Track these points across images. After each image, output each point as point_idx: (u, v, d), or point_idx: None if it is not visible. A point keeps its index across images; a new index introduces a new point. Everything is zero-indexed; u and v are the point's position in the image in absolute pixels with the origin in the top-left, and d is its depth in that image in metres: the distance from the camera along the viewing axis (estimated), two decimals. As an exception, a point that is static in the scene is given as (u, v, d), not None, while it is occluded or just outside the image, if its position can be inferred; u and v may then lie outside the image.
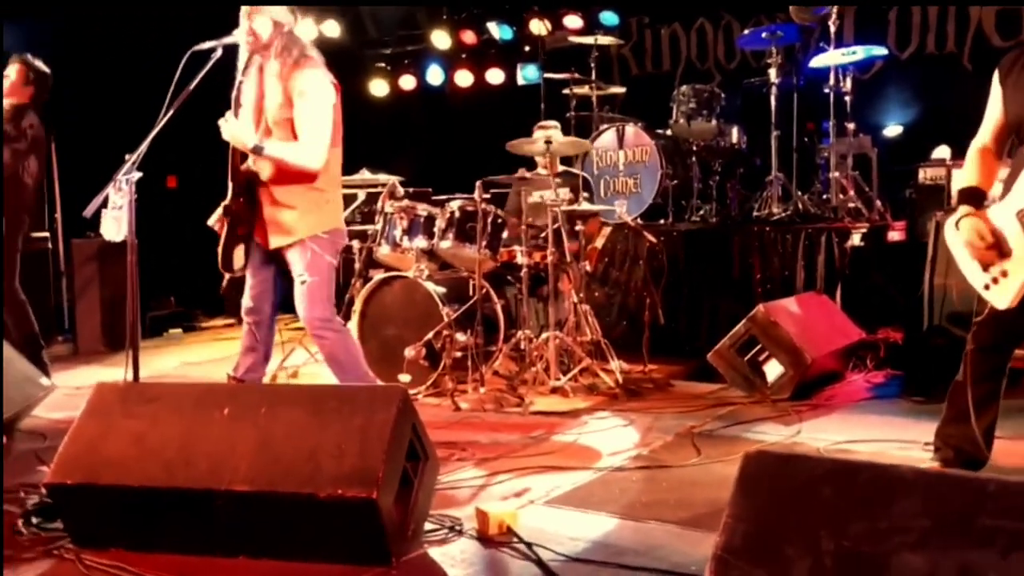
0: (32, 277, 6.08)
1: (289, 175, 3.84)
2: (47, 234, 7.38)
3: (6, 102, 5.09)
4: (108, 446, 2.79)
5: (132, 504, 2.72)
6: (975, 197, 3.05)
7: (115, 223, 3.40)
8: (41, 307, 6.06)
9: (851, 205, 6.38)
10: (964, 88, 7.59)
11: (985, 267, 2.99)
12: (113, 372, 5.59)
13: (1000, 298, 2.96)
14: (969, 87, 7.54)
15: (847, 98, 6.53)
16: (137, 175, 3.43)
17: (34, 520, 2.99)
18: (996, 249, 2.94)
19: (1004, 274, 2.94)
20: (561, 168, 5.75)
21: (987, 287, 2.99)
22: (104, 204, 3.40)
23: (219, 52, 3.73)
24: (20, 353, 4.62)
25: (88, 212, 3.39)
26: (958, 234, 3.03)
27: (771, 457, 1.88)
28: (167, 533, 2.74)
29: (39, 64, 5.24)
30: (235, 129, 3.78)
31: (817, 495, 1.77)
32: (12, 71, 5.12)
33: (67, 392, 4.97)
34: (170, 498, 2.69)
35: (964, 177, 3.13)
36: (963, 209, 3.02)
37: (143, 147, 3.44)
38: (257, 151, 3.75)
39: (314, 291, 3.90)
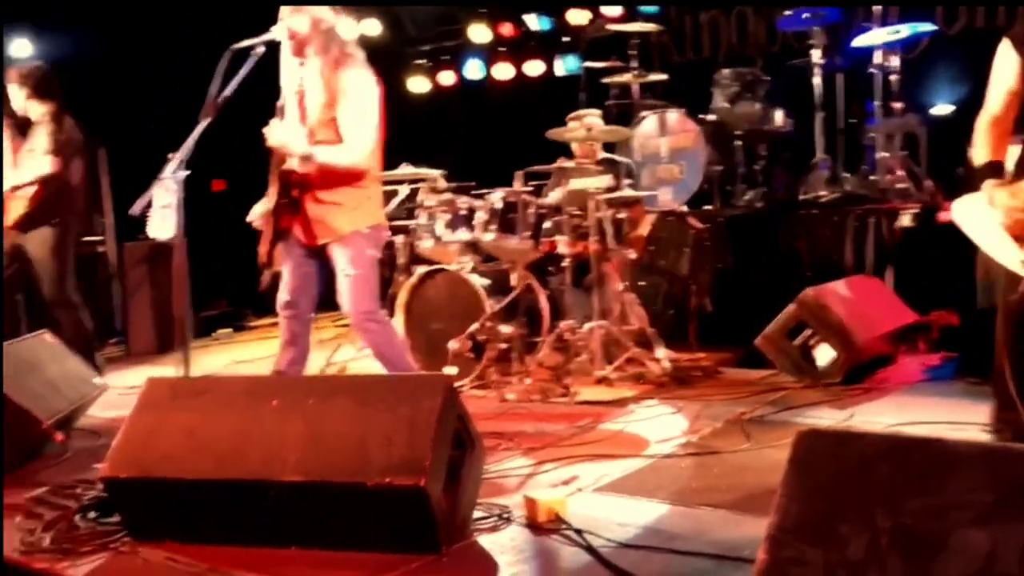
0: (85, 280, 6.21)
1: (334, 174, 3.87)
2: (99, 237, 7.54)
3: (44, 111, 5.19)
4: (160, 440, 2.83)
5: (185, 496, 2.76)
6: (997, 171, 2.97)
7: (162, 222, 3.47)
8: (94, 309, 6.19)
9: (900, 186, 6.25)
10: (1016, 63, 7.42)
11: (1021, 242, 2.85)
12: (164, 372, 5.64)
13: None
14: (1021, 62, 7.41)
15: (893, 77, 6.40)
16: (184, 173, 3.47)
17: (91, 515, 3.04)
18: None
19: None
20: (602, 156, 5.71)
21: None
22: (150, 203, 3.45)
23: (260, 49, 3.76)
24: (75, 354, 4.72)
25: (135, 210, 3.44)
26: (986, 212, 2.90)
27: (824, 436, 1.84)
28: (220, 524, 2.77)
29: (32, 66, 5.33)
30: (284, 136, 3.80)
31: (872, 473, 1.73)
32: (14, 88, 5.23)
33: (120, 392, 5.05)
34: (222, 490, 2.72)
35: (980, 153, 3.04)
36: (991, 183, 2.92)
37: (188, 145, 3.48)
38: (308, 158, 3.77)
39: (359, 285, 3.93)
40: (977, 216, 2.96)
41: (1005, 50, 3.03)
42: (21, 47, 7.10)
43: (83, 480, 3.40)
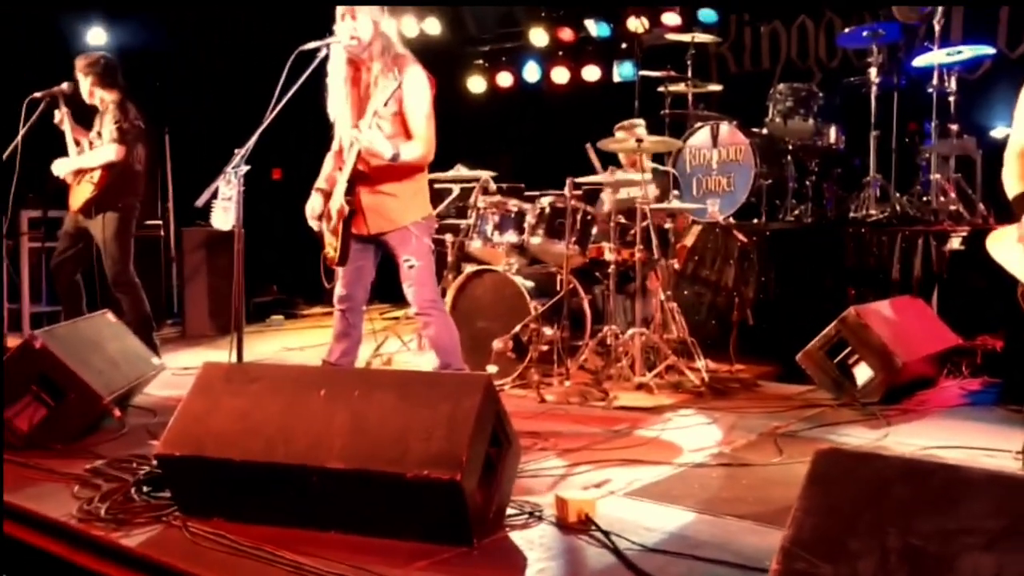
0: (145, 263, 6.45)
1: (390, 167, 3.99)
2: (159, 222, 7.79)
3: (109, 99, 5.40)
4: (213, 422, 2.98)
5: (234, 476, 2.90)
6: None
7: (224, 213, 3.61)
8: (152, 292, 6.43)
9: (952, 208, 6.23)
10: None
11: None
12: (218, 355, 5.87)
13: None
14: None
15: (951, 98, 6.36)
16: (245, 168, 3.63)
17: (145, 489, 3.21)
18: None
19: None
20: (651, 166, 5.78)
21: None
22: (214, 195, 3.62)
23: (324, 52, 3.91)
24: (134, 334, 4.93)
25: (200, 202, 3.61)
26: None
27: (843, 455, 1.92)
28: (265, 505, 2.91)
29: (96, 56, 5.52)
30: (374, 140, 3.88)
31: (887, 493, 1.80)
32: (80, 78, 5.44)
33: (175, 372, 5.27)
34: (269, 472, 2.86)
35: (1011, 184, 3.14)
36: None
37: (251, 142, 3.63)
38: (395, 159, 3.91)
39: (423, 274, 4.08)
40: (1011, 248, 3.05)
41: None
42: (96, 36, 7.37)
43: (138, 455, 3.58)
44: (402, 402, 2.85)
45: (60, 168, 5.50)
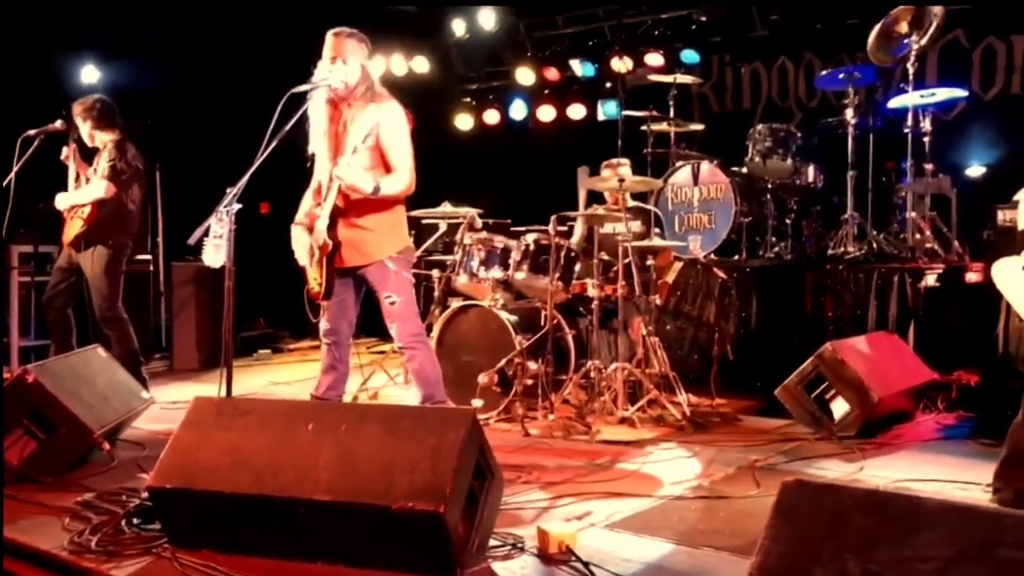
0: (134, 297, 6.52)
1: (372, 201, 4.09)
2: (149, 257, 7.87)
3: (108, 139, 5.52)
4: (204, 455, 3.05)
5: (223, 509, 2.97)
6: None
7: (215, 251, 3.70)
8: (141, 326, 6.48)
9: (928, 245, 6.38)
10: (1051, 127, 7.53)
11: None
12: (206, 388, 5.95)
13: None
14: (1057, 129, 7.51)
15: (926, 139, 6.53)
16: (237, 206, 3.72)
17: (135, 521, 3.27)
18: None
19: None
20: (633, 204, 5.92)
21: None
22: (206, 233, 3.71)
23: (315, 92, 4.03)
24: (122, 368, 4.99)
25: (192, 240, 3.70)
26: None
27: (807, 487, 2.01)
28: (254, 537, 2.97)
29: (92, 100, 5.64)
30: (354, 176, 3.97)
31: (848, 523, 1.90)
32: (79, 121, 5.56)
33: (163, 406, 5.33)
34: (258, 504, 2.93)
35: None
36: None
37: (243, 181, 3.73)
38: (375, 192, 4.01)
39: (404, 309, 4.16)
40: (1017, 279, 3.14)
41: None
42: (89, 74, 7.49)
43: (128, 488, 3.65)
44: (388, 436, 2.93)
45: (61, 202, 5.60)
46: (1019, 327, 4.86)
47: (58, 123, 5.61)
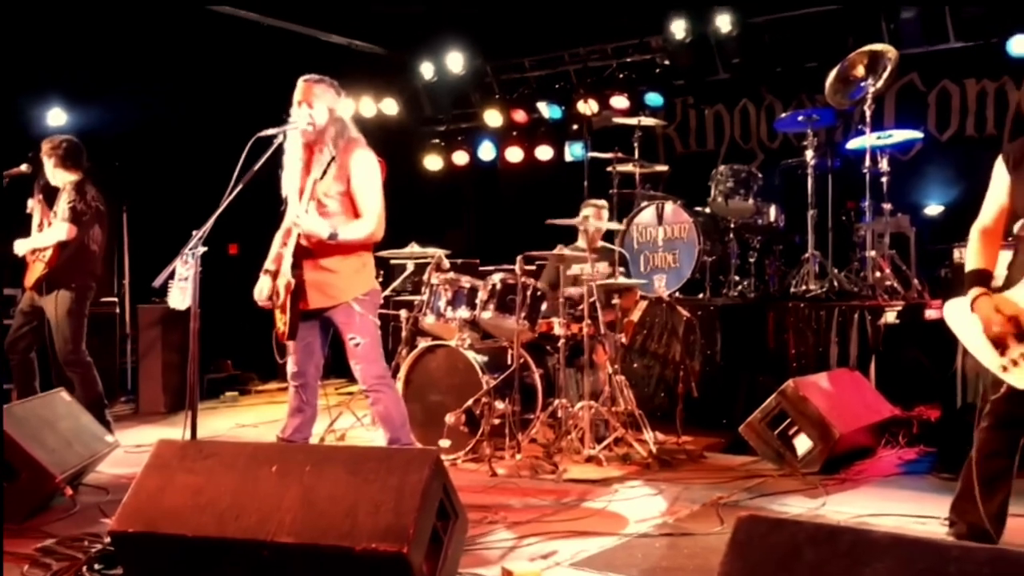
0: (99, 339, 6.48)
1: (333, 244, 4.12)
2: (115, 299, 7.83)
3: (69, 180, 5.52)
4: (167, 498, 3.04)
5: (187, 552, 2.95)
6: (985, 279, 3.19)
7: (181, 293, 3.71)
8: (107, 368, 6.44)
9: (888, 283, 6.50)
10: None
11: (1000, 349, 3.09)
12: (171, 432, 5.87)
13: (1021, 378, 3.06)
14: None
15: (884, 179, 6.68)
16: (202, 249, 3.74)
17: (96, 567, 3.24)
18: (1016, 333, 3.06)
19: None
20: (600, 244, 6.00)
21: (1005, 369, 3.09)
22: (172, 276, 3.72)
23: (281, 138, 4.07)
24: (86, 411, 4.95)
25: (157, 283, 3.70)
26: (972, 316, 3.14)
27: (760, 521, 2.06)
28: (217, 580, 2.96)
29: (60, 139, 5.63)
30: (312, 224, 4.04)
31: (799, 556, 1.94)
32: (44, 159, 5.55)
33: (128, 449, 5.28)
34: (221, 547, 2.92)
35: (972, 260, 3.25)
36: (976, 290, 3.16)
37: (209, 224, 3.75)
38: (332, 238, 4.04)
39: (368, 351, 4.17)
40: (965, 318, 3.19)
41: (999, 167, 3.27)
42: (56, 116, 7.49)
43: (90, 533, 3.61)
44: (352, 477, 2.94)
45: (20, 248, 5.57)
46: (975, 363, 4.95)
47: (23, 166, 5.60)
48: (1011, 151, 3.27)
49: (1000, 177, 3.26)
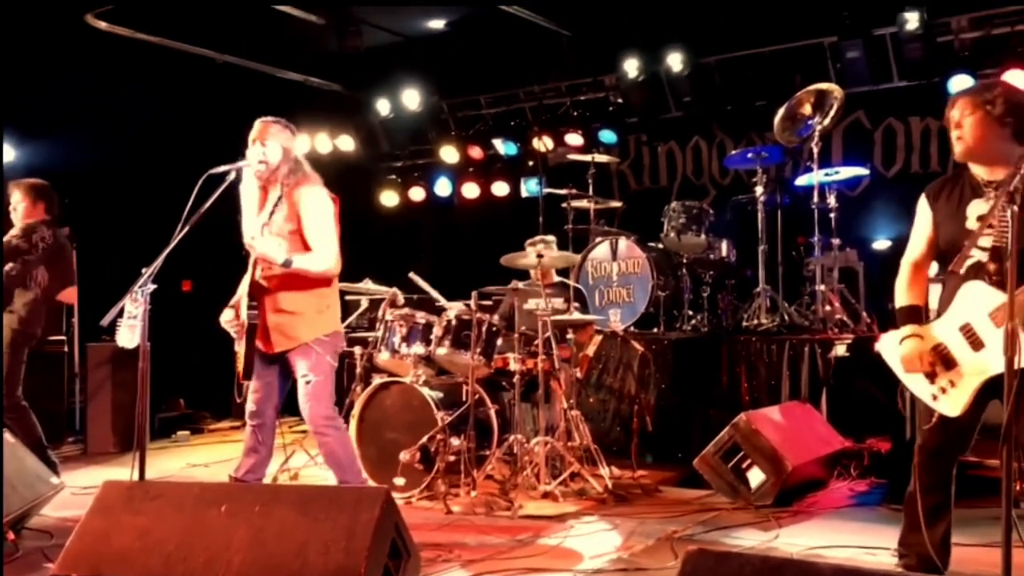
0: (47, 379, 6.33)
1: (294, 284, 4.11)
2: (63, 338, 7.68)
3: (21, 222, 5.45)
4: (113, 541, 2.99)
5: (131, 596, 2.90)
6: (916, 315, 3.31)
7: (130, 332, 3.67)
8: (54, 408, 6.29)
9: (837, 316, 6.60)
10: (949, 205, 7.93)
11: (931, 378, 3.21)
12: (121, 472, 5.76)
13: (950, 407, 3.18)
14: (953, 204, 7.90)
15: (832, 214, 6.81)
16: (152, 287, 3.70)
17: (38, 613, 3.16)
18: (942, 362, 3.18)
19: (952, 384, 3.17)
20: (555, 279, 6.03)
21: (935, 397, 3.21)
22: (120, 314, 3.68)
23: (232, 175, 4.05)
24: (31, 453, 4.83)
25: (105, 321, 3.65)
26: (899, 349, 3.25)
27: (708, 554, 2.07)
28: (163, 625, 2.90)
29: (38, 183, 5.60)
30: (267, 246, 4.02)
31: (746, 589, 1.96)
32: (16, 199, 5.49)
33: (75, 491, 5.17)
34: (167, 591, 2.87)
35: (903, 296, 3.36)
36: (907, 329, 3.27)
37: (159, 262, 3.71)
38: (287, 264, 4.02)
39: (318, 390, 4.13)
40: (890, 352, 3.31)
41: (923, 204, 3.38)
42: (5, 152, 7.39)
43: (32, 579, 3.52)
44: (302, 516, 2.92)
45: None
46: None
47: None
48: (931, 189, 3.40)
49: (924, 212, 3.37)
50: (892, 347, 3.31)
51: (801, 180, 7.02)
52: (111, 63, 7.51)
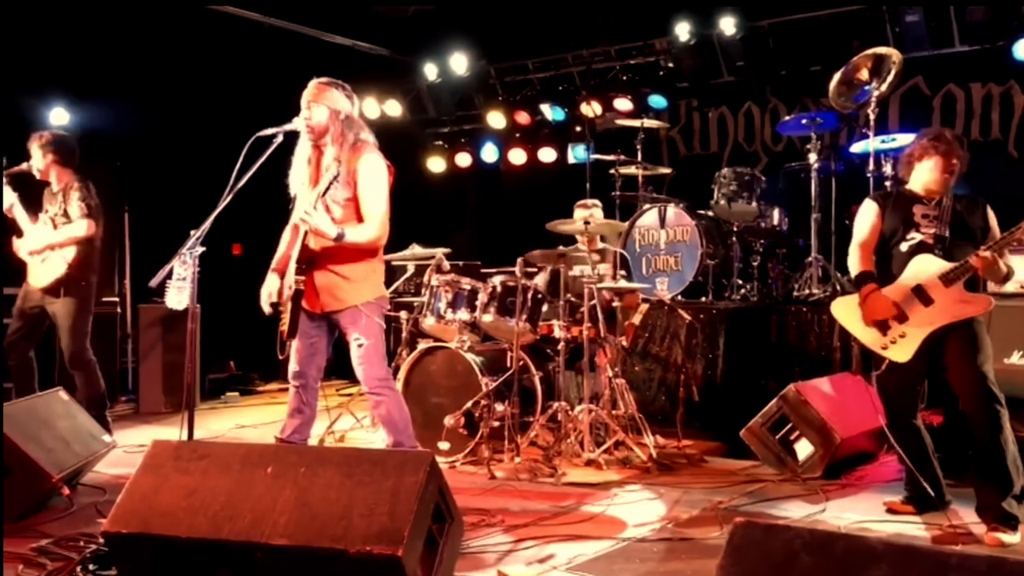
0: (101, 339, 6.44)
1: (344, 249, 4.11)
2: (117, 299, 7.82)
3: (69, 177, 5.48)
4: (161, 499, 3.03)
5: (180, 553, 2.93)
6: (873, 278, 4.01)
7: (178, 293, 3.70)
8: (107, 369, 6.40)
9: (890, 287, 6.46)
10: (1009, 173, 7.71)
11: (883, 330, 3.92)
12: (171, 432, 5.89)
13: (900, 353, 3.89)
14: (1014, 172, 7.68)
15: (887, 183, 6.64)
16: (200, 249, 3.73)
17: (91, 567, 3.23)
18: (897, 316, 3.89)
19: (903, 335, 3.89)
20: (601, 246, 5.97)
21: (885, 347, 3.93)
22: (169, 275, 3.70)
23: (280, 138, 4.05)
24: (86, 411, 4.94)
25: (154, 283, 3.69)
26: (856, 308, 4.00)
27: (756, 527, 2.03)
28: (210, 582, 2.94)
29: (55, 135, 5.57)
30: (319, 221, 4.01)
31: (795, 562, 1.92)
32: (37, 153, 5.47)
33: (127, 450, 5.28)
34: (215, 549, 2.90)
35: (858, 265, 4.09)
36: (869, 288, 3.99)
37: (207, 224, 3.74)
38: (339, 239, 4.02)
39: (370, 353, 4.15)
40: (852, 311, 4.04)
41: (870, 203, 4.17)
42: (58, 116, 7.49)
43: (86, 534, 3.60)
44: (347, 479, 2.92)
45: (29, 246, 5.49)
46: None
47: (25, 164, 5.54)
48: (877, 196, 4.24)
49: (872, 209, 4.15)
50: (849, 307, 4.06)
51: (856, 147, 6.85)
52: (160, 26, 7.54)
